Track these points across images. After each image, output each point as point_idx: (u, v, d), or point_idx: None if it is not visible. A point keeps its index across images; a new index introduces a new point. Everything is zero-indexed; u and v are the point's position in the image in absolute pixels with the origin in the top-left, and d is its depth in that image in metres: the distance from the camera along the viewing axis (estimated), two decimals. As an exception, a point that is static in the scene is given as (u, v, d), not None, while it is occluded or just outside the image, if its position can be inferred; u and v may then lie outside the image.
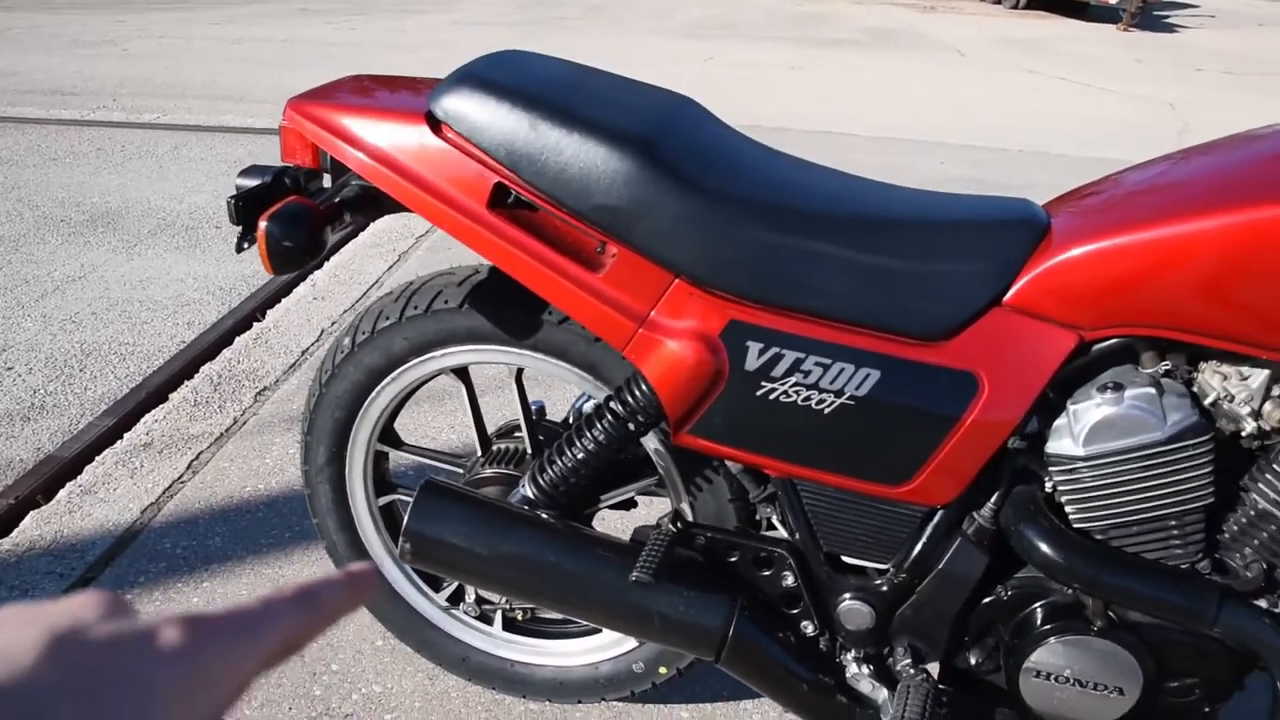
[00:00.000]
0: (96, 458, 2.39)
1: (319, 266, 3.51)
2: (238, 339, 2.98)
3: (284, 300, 3.26)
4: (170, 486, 2.25)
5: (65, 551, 2.04)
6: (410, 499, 1.32)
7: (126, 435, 2.48)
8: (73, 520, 2.14)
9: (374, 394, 1.41)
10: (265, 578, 1.97)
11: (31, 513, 2.18)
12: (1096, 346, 1.10)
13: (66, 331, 3.01)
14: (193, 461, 2.35)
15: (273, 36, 8.62)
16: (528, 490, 1.28)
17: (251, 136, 5.20)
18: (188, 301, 3.23)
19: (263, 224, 1.14)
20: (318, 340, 2.94)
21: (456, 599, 1.59)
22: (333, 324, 3.05)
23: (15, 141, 5.05)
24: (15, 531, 2.12)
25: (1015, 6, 13.33)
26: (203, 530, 2.11)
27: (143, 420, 2.55)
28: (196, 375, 2.77)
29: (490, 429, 1.55)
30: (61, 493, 2.25)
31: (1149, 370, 1.11)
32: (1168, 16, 13.48)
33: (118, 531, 2.10)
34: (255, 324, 3.08)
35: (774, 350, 1.11)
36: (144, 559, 2.02)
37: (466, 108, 1.13)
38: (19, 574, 1.98)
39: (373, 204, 1.26)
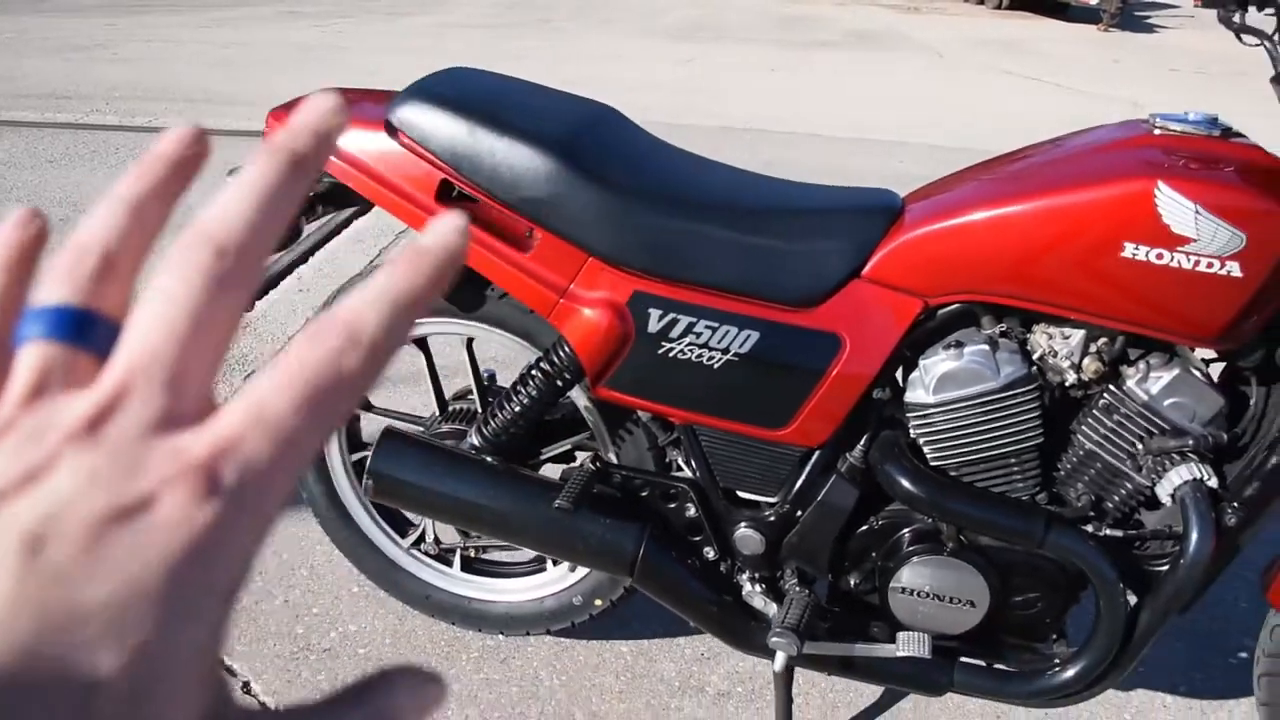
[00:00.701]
0: (98, 434, 2.60)
1: (304, 261, 3.72)
2: (228, 327, 3.19)
3: (271, 292, 3.45)
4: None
5: (72, 515, 2.26)
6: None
7: (126, 414, 2.70)
8: (78, 488, 2.36)
9: (345, 362, 1.62)
10: (253, 536, 2.18)
11: (40, 482, 2.39)
12: (941, 311, 1.33)
13: (68, 321, 3.22)
14: (187, 436, 2.56)
15: (261, 40, 8.82)
16: (474, 439, 1.50)
17: (240, 139, 5.40)
18: (181, 293, 3.44)
19: (247, 212, 1.35)
20: (302, 328, 3.16)
21: (419, 544, 1.82)
22: (316, 313, 3.26)
23: (12, 144, 5.24)
24: (25, 498, 2.33)
25: (998, 7, 13.54)
26: (196, 496, 2.32)
27: (141, 400, 2.76)
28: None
29: (447, 396, 1.77)
30: (67, 465, 2.46)
31: (987, 331, 1.33)
32: (1148, 17, 13.70)
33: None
34: (244, 314, 3.29)
35: (671, 316, 1.33)
36: (143, 521, 2.24)
37: (417, 117, 1.35)
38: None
39: (340, 198, 1.48)
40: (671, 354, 1.35)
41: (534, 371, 1.43)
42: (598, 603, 1.71)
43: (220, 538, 0.21)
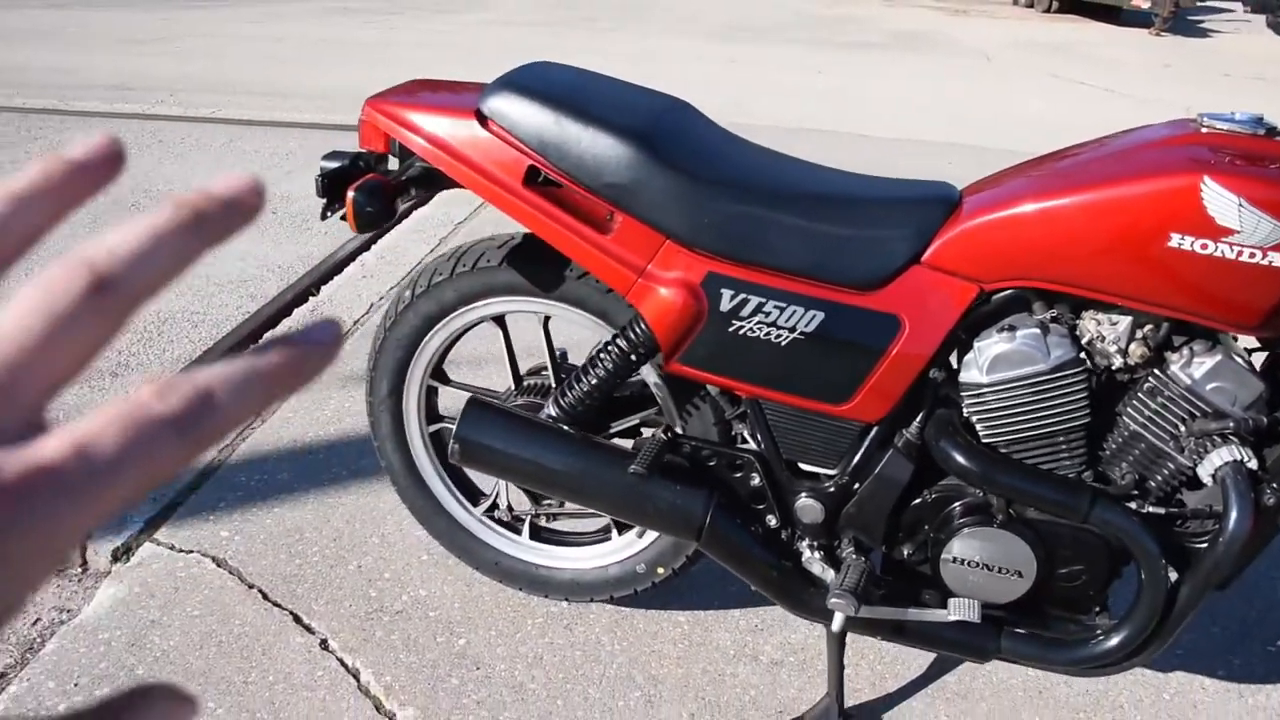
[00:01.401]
0: (177, 408, 2.73)
1: (367, 249, 3.86)
2: (296, 310, 3.33)
3: (336, 278, 3.61)
4: (242, 431, 2.60)
5: (156, 482, 2.39)
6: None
7: (202, 390, 2.83)
8: (161, 458, 2.49)
9: (428, 337, 1.74)
10: (327, 505, 2.30)
11: (125, 452, 2.53)
12: (995, 296, 1.41)
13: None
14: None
15: (314, 36, 9.01)
16: (551, 409, 1.61)
17: (301, 131, 5.56)
18: (249, 278, 3.58)
19: (351, 194, 1.47)
20: (368, 312, 3.29)
21: (491, 511, 1.92)
22: (380, 299, 3.39)
23: (83, 134, 5.43)
24: (112, 466, 2.46)
25: (1048, 10, 13.45)
26: (271, 467, 2.45)
27: (216, 378, 2.89)
28: (261, 340, 3.12)
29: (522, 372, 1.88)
30: (150, 436, 2.60)
31: (1038, 316, 1.41)
32: (1201, 21, 13.54)
33: (199, 466, 2.45)
34: (311, 298, 3.42)
35: (742, 296, 1.43)
36: (223, 489, 2.37)
37: (506, 107, 1.46)
38: (119, 499, 2.33)
39: (432, 181, 1.59)
40: (741, 332, 1.44)
41: (611, 346, 1.53)
42: (660, 570, 1.81)
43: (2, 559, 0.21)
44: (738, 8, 12.09)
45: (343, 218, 1.57)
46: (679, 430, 1.66)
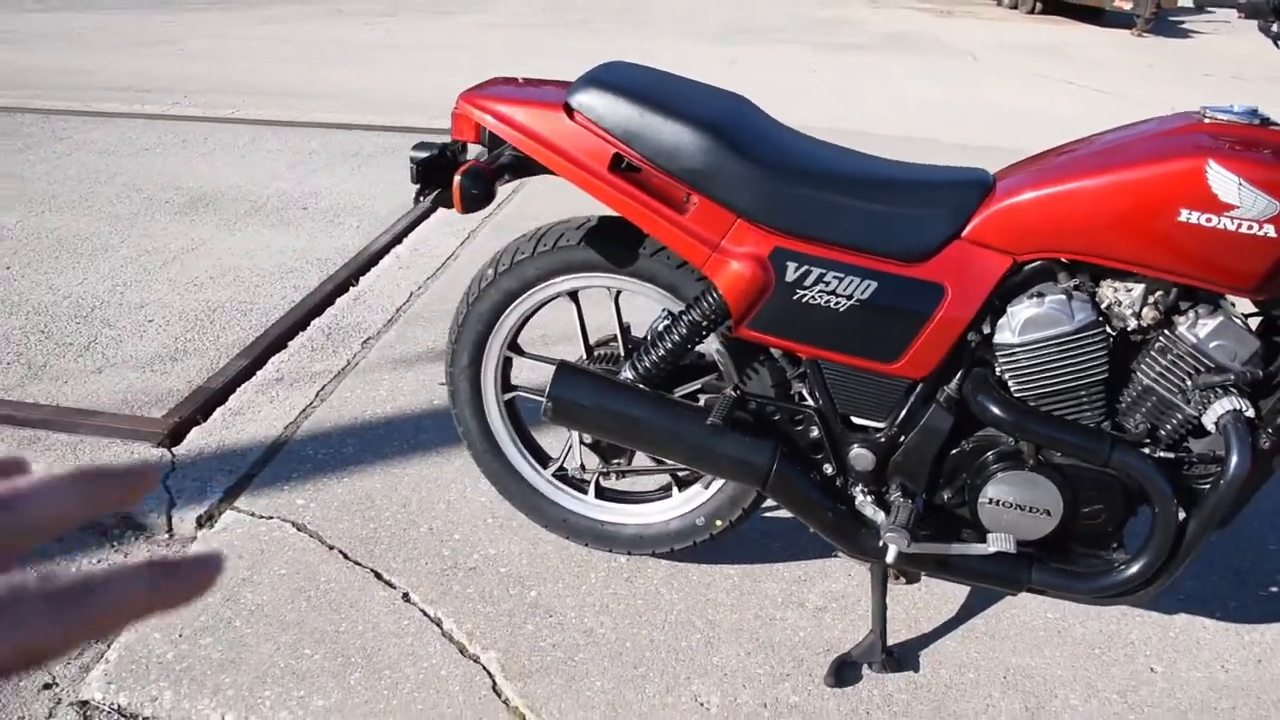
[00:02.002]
0: (239, 389, 2.91)
1: (399, 242, 4.03)
2: (339, 299, 3.50)
3: (374, 269, 3.78)
4: (305, 409, 2.77)
5: (229, 456, 2.57)
6: (529, 397, 1.84)
7: (259, 373, 3.00)
8: (230, 434, 2.66)
9: (508, 311, 1.92)
10: (393, 475, 2.48)
11: (194, 428, 2.70)
12: (1026, 267, 1.61)
13: (191, 292, 3.54)
14: (320, 391, 2.87)
15: (316, 38, 9.17)
16: (628, 372, 1.80)
17: (321, 130, 5.73)
18: (290, 269, 3.75)
19: (457, 178, 1.66)
20: (408, 301, 3.47)
21: (560, 472, 2.11)
22: (419, 288, 3.57)
23: (107, 134, 5.58)
24: (185, 442, 2.64)
25: (1031, 11, 13.73)
26: (336, 441, 2.63)
27: (271, 361, 3.07)
28: (309, 327, 3.29)
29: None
30: (216, 414, 2.77)
31: (1063, 284, 1.61)
32: (1182, 22, 13.83)
33: (267, 442, 2.62)
34: (351, 288, 3.60)
35: (805, 268, 1.62)
36: (293, 461, 2.54)
37: (593, 101, 1.65)
38: (197, 471, 2.50)
39: (523, 168, 1.78)
40: (804, 299, 1.63)
41: (685, 315, 1.72)
42: (718, 523, 2.00)
43: None
44: (733, 11, 12.30)
45: (433, 202, 1.76)
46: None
